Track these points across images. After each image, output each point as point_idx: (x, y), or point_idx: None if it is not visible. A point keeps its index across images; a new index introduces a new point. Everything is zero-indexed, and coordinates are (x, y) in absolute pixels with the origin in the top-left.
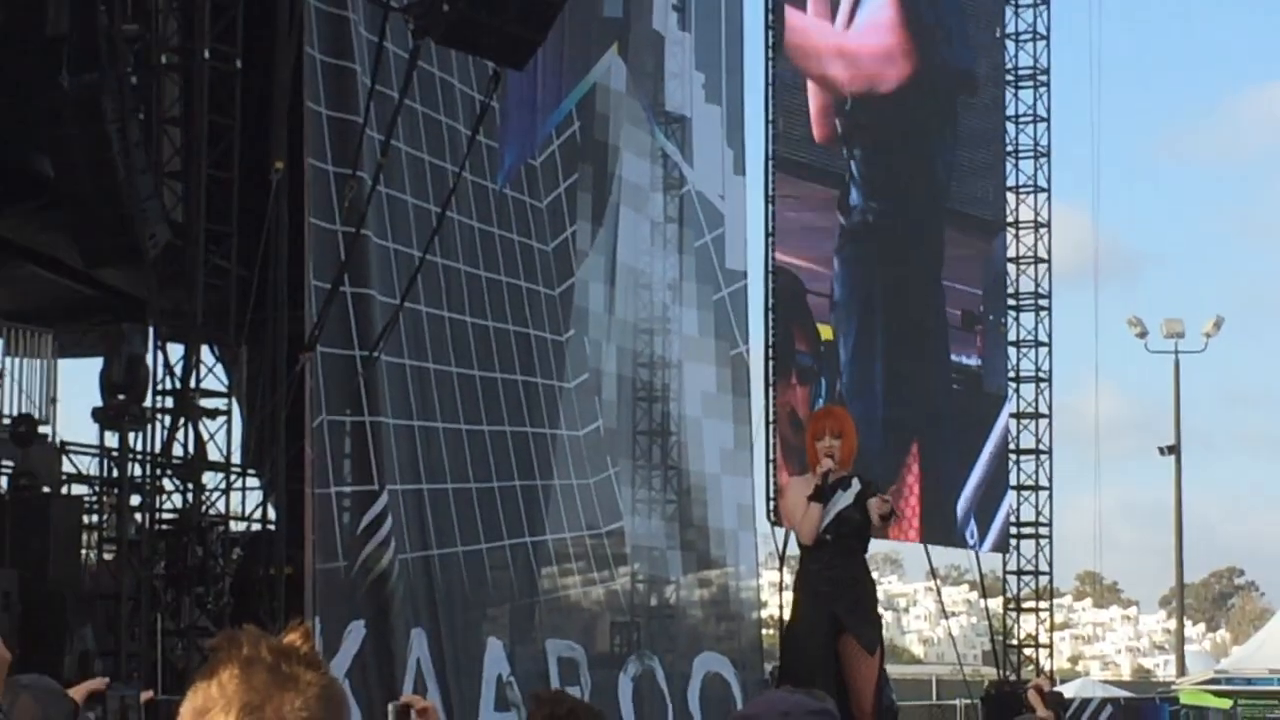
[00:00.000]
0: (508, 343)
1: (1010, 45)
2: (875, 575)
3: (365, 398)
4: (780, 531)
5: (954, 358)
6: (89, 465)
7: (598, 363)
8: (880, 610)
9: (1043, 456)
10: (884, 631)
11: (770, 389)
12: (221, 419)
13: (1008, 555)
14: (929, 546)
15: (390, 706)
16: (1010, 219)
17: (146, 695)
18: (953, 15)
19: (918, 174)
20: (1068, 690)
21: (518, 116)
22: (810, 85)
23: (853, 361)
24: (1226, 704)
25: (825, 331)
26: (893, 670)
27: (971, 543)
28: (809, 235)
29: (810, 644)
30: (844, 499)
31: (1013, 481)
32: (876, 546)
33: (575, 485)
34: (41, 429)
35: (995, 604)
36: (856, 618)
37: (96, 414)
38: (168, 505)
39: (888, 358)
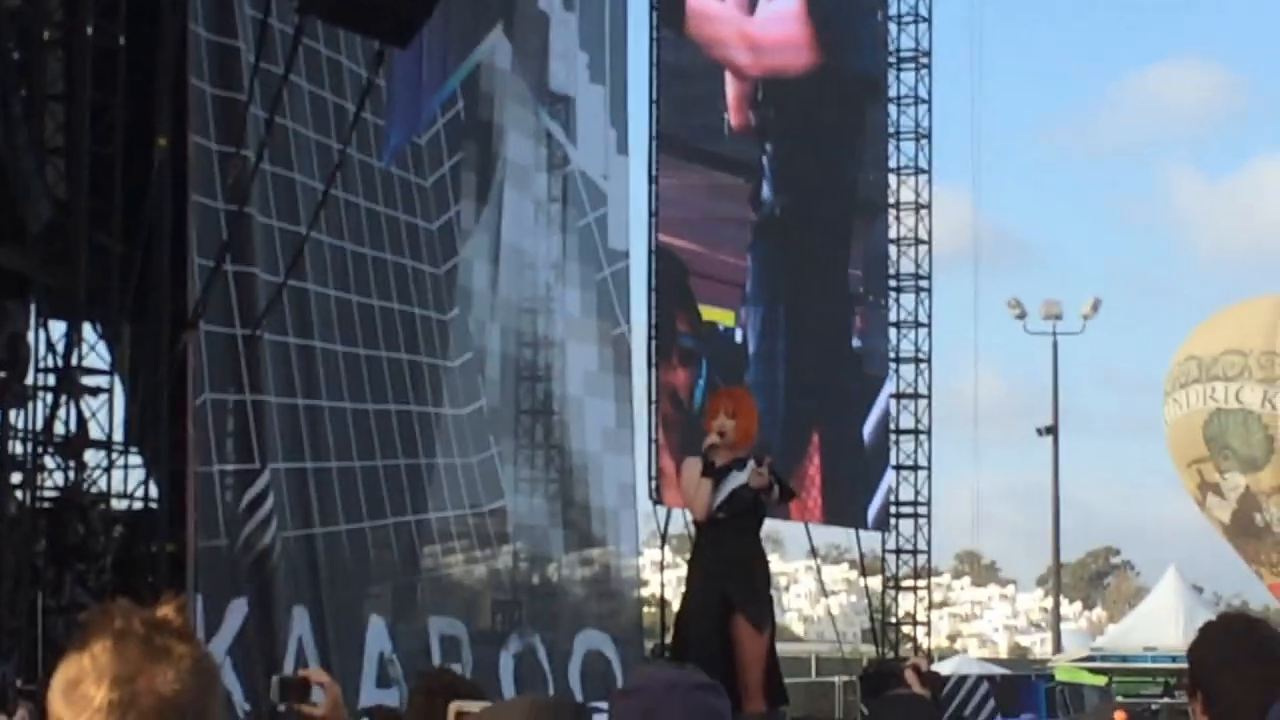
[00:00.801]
0: (392, 321)
1: (893, 27)
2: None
3: (247, 376)
4: (662, 511)
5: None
6: None
7: (481, 341)
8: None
9: (922, 437)
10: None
11: (652, 369)
12: (104, 396)
13: (887, 534)
14: (809, 526)
15: (275, 679)
16: (891, 200)
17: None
18: (849, 12)
19: (827, 168)
20: (945, 667)
21: (403, 95)
22: (727, 75)
23: (759, 356)
24: (1102, 681)
25: (709, 314)
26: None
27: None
28: (706, 223)
29: (702, 623)
30: (739, 478)
31: (892, 461)
32: None
33: (458, 464)
34: None
35: (875, 582)
36: (747, 596)
37: None
38: (49, 483)
39: (792, 353)
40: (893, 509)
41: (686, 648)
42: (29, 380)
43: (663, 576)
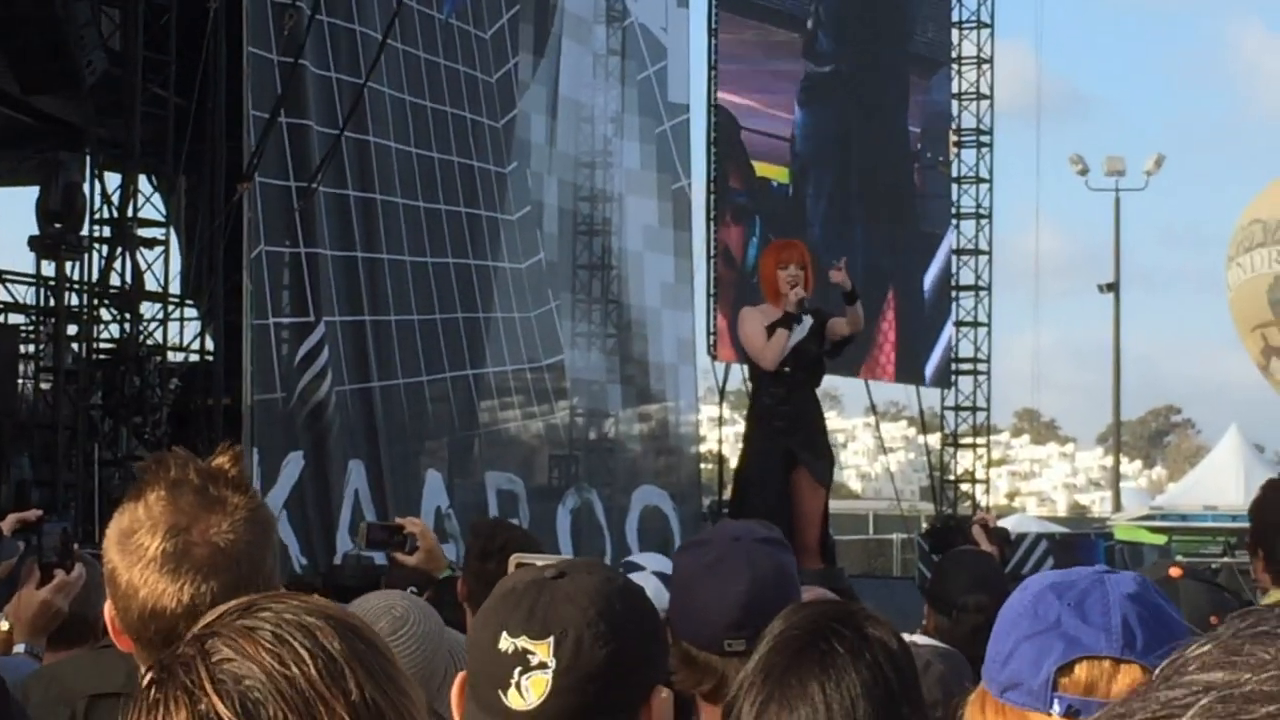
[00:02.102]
0: (451, 174)
1: None
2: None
3: (303, 229)
4: (720, 366)
5: None
6: (25, 294)
7: (539, 195)
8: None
9: (982, 293)
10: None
11: (711, 224)
12: (159, 249)
13: (946, 391)
14: (869, 382)
15: (363, 525)
16: (954, 55)
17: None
18: None
19: (883, 19)
20: (1004, 525)
21: None
22: None
23: (827, 216)
24: (1161, 540)
25: (762, 169)
26: (831, 505)
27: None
28: (758, 76)
29: (765, 476)
30: (800, 332)
31: (952, 317)
32: None
33: (517, 318)
34: None
35: (934, 440)
36: (811, 452)
37: (33, 242)
38: (105, 335)
39: (866, 211)
40: (953, 366)
41: (747, 501)
42: (84, 232)
43: (720, 433)
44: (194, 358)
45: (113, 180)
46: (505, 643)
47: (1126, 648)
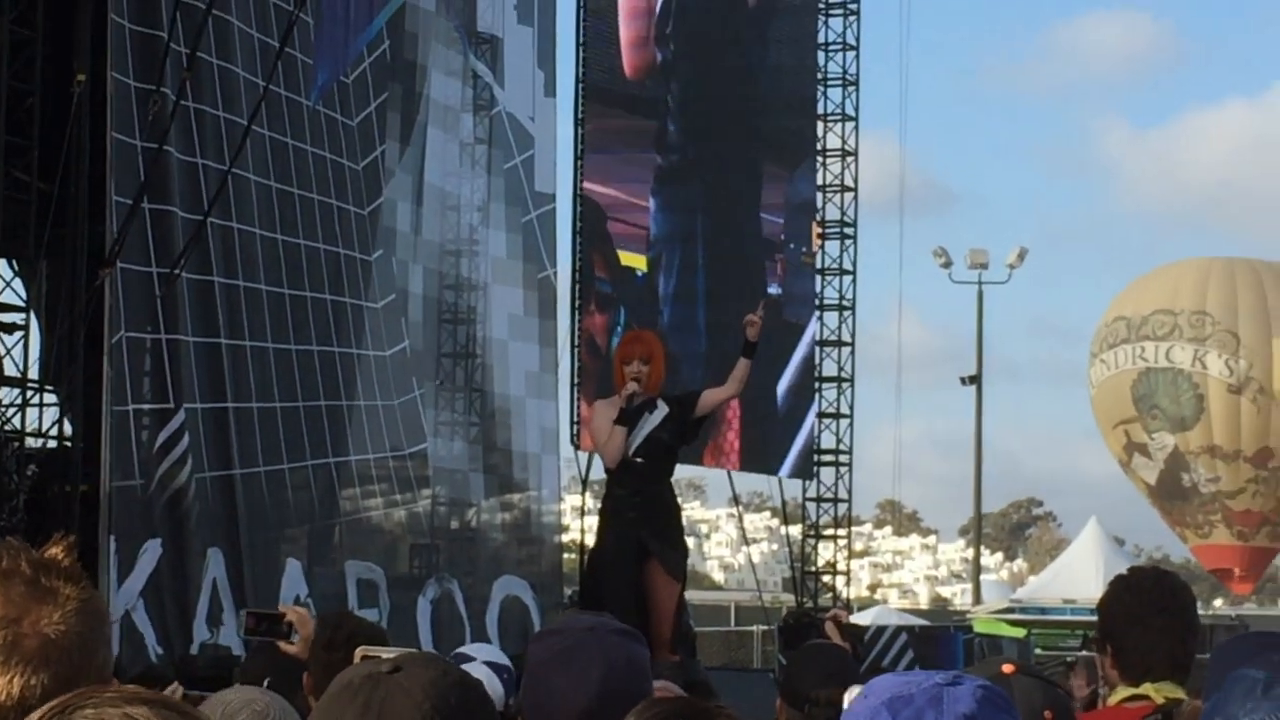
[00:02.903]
0: (317, 261)
1: None
2: (678, 500)
3: (164, 315)
4: (584, 456)
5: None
6: None
7: (404, 283)
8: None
9: (845, 384)
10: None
11: (576, 313)
12: (19, 334)
13: (809, 482)
14: (732, 473)
15: (243, 613)
16: (818, 146)
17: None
18: None
19: (735, 109)
20: (865, 618)
21: (330, 32)
22: (621, 11)
23: (674, 299)
24: (1021, 633)
25: (626, 259)
26: (692, 596)
27: (780, 470)
28: (621, 165)
29: (615, 568)
30: (652, 421)
31: (815, 409)
32: (680, 471)
33: (380, 406)
34: None
35: (795, 531)
36: (663, 542)
37: None
38: None
39: (710, 296)
40: (815, 457)
41: (599, 595)
42: None
43: (584, 522)
44: (52, 444)
45: None
46: None
47: None
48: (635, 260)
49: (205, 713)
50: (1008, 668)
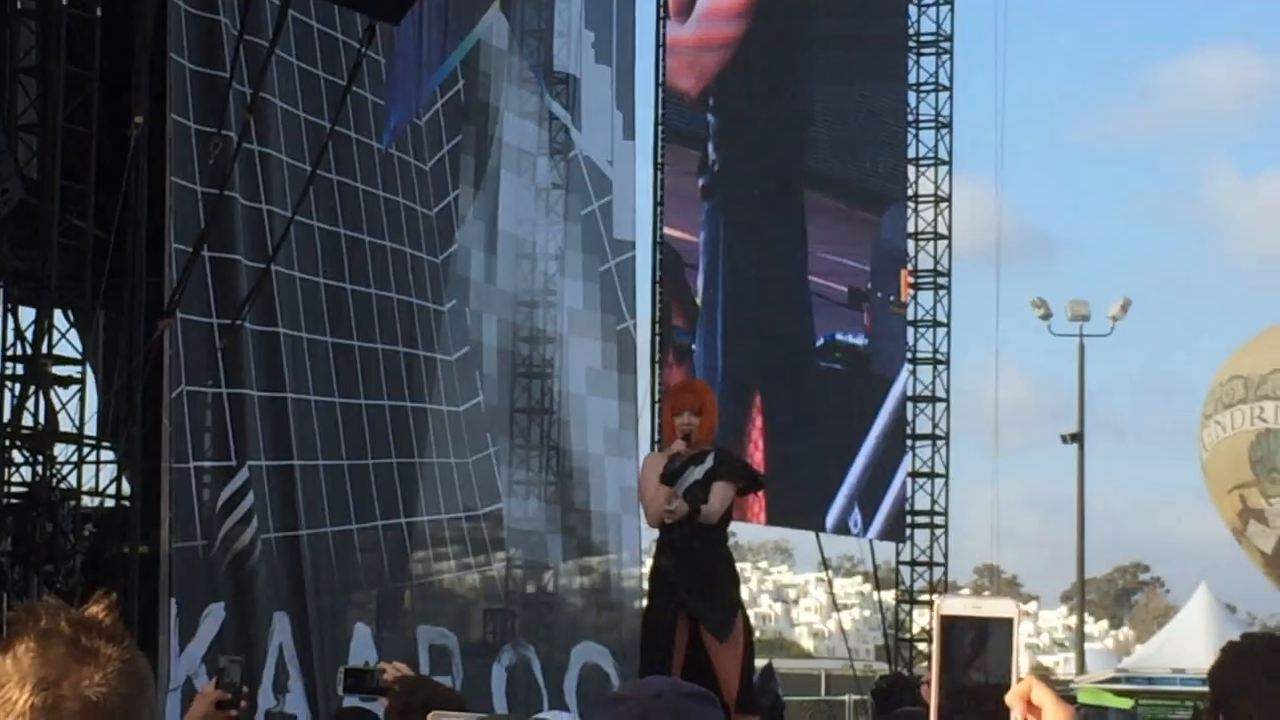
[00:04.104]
0: (389, 311)
1: (913, 10)
2: (764, 564)
3: (226, 368)
4: None
5: (839, 336)
6: None
7: (478, 335)
8: (760, 597)
9: (939, 442)
10: (772, 623)
11: (656, 366)
12: (75, 388)
13: (901, 546)
14: (820, 536)
15: (343, 670)
16: (910, 192)
17: None
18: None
19: (778, 132)
20: None
21: (403, 73)
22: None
23: (701, 324)
24: (1127, 704)
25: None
26: (780, 664)
27: (855, 530)
28: (683, 203)
29: (659, 634)
30: (694, 475)
31: (907, 468)
32: (767, 534)
33: (453, 464)
34: None
35: (889, 596)
36: (704, 603)
37: None
38: (16, 478)
39: (731, 322)
40: (908, 519)
41: (650, 662)
42: None
43: None
44: (110, 503)
45: (26, 315)
46: None
47: None
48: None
49: None
50: None
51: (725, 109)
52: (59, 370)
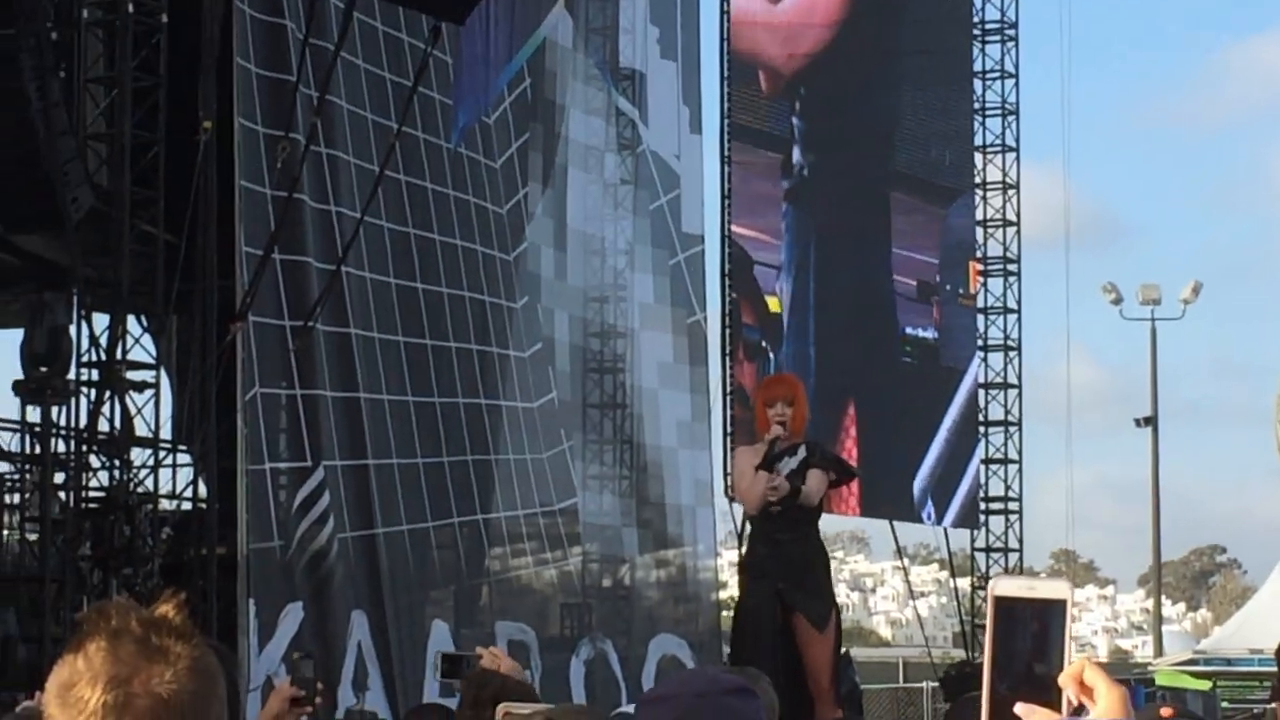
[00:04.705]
0: (461, 309)
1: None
2: (840, 554)
3: (299, 369)
4: (739, 509)
5: (909, 330)
6: (10, 441)
7: (550, 331)
8: (838, 586)
9: (1012, 429)
10: (849, 612)
11: (727, 358)
12: (149, 392)
13: (976, 532)
14: (895, 524)
15: (438, 654)
16: (978, 180)
17: None
18: None
19: (864, 136)
20: None
21: (471, 72)
22: (763, 41)
23: (790, 327)
24: (1205, 685)
25: (773, 304)
26: (858, 653)
27: (928, 520)
28: (756, 203)
29: (755, 623)
30: (789, 465)
31: (980, 455)
32: (844, 524)
33: (529, 460)
34: None
35: (964, 583)
36: (803, 594)
37: (18, 387)
38: (93, 483)
39: (822, 324)
40: (981, 505)
41: (742, 651)
42: (71, 375)
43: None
44: (186, 505)
45: (100, 321)
46: None
47: None
48: (777, 303)
49: None
50: (1166, 711)
51: (812, 114)
52: (134, 375)
